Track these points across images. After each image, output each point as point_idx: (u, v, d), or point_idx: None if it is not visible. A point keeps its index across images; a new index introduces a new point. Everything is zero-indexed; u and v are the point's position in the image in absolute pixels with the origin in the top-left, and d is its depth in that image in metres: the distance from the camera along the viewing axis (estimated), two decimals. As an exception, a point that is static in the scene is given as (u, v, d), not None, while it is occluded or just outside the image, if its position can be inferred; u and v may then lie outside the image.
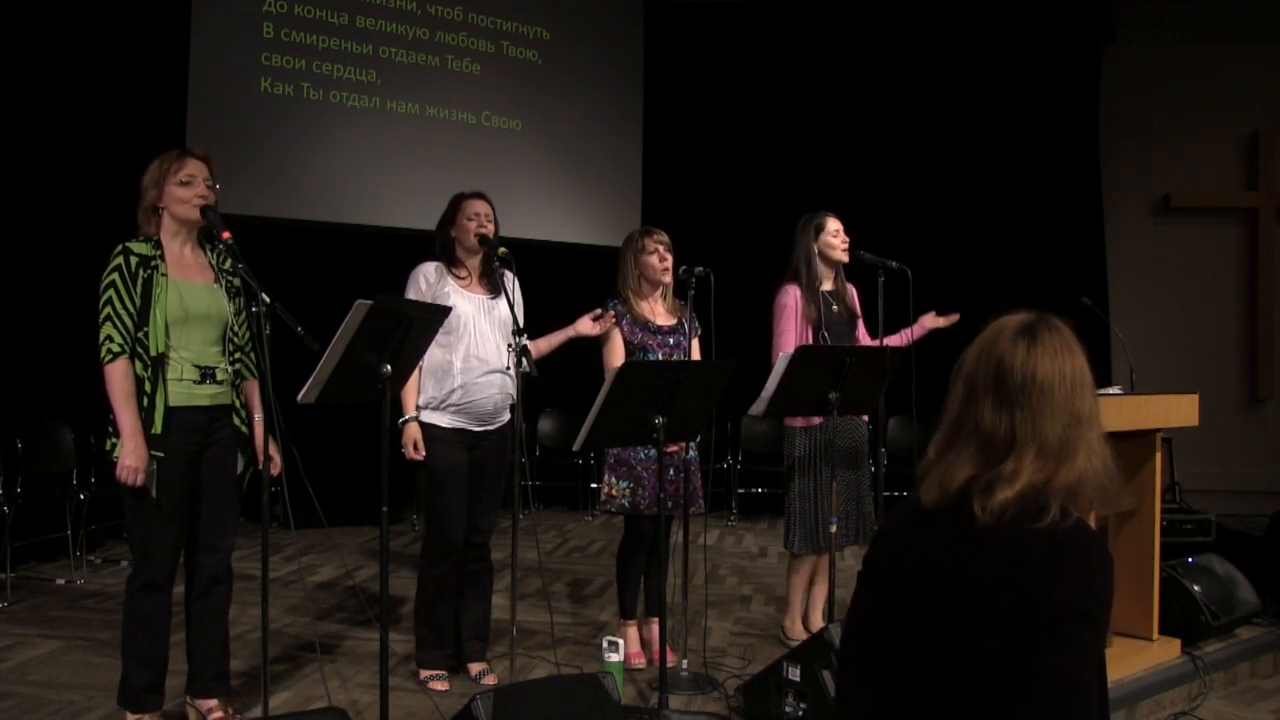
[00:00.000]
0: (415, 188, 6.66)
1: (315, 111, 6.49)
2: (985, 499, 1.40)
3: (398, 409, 3.33)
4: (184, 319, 2.86)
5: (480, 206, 3.50)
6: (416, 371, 3.34)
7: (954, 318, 3.92)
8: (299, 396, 2.57)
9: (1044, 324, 1.47)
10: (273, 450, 2.98)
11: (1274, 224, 7.31)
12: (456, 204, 3.53)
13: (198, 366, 2.90)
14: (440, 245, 3.53)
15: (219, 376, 2.95)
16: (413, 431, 3.39)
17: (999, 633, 1.36)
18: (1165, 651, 3.54)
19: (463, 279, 3.49)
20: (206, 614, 3.02)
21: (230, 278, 3.01)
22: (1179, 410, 3.55)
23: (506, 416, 3.52)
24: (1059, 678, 1.33)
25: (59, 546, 5.20)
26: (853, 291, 4.09)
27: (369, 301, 2.51)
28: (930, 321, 3.98)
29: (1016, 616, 1.34)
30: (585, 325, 3.60)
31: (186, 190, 2.89)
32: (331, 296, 3.49)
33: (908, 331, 3.90)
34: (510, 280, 3.36)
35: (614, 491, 3.63)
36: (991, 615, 1.36)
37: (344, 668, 3.67)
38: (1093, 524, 1.51)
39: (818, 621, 4.03)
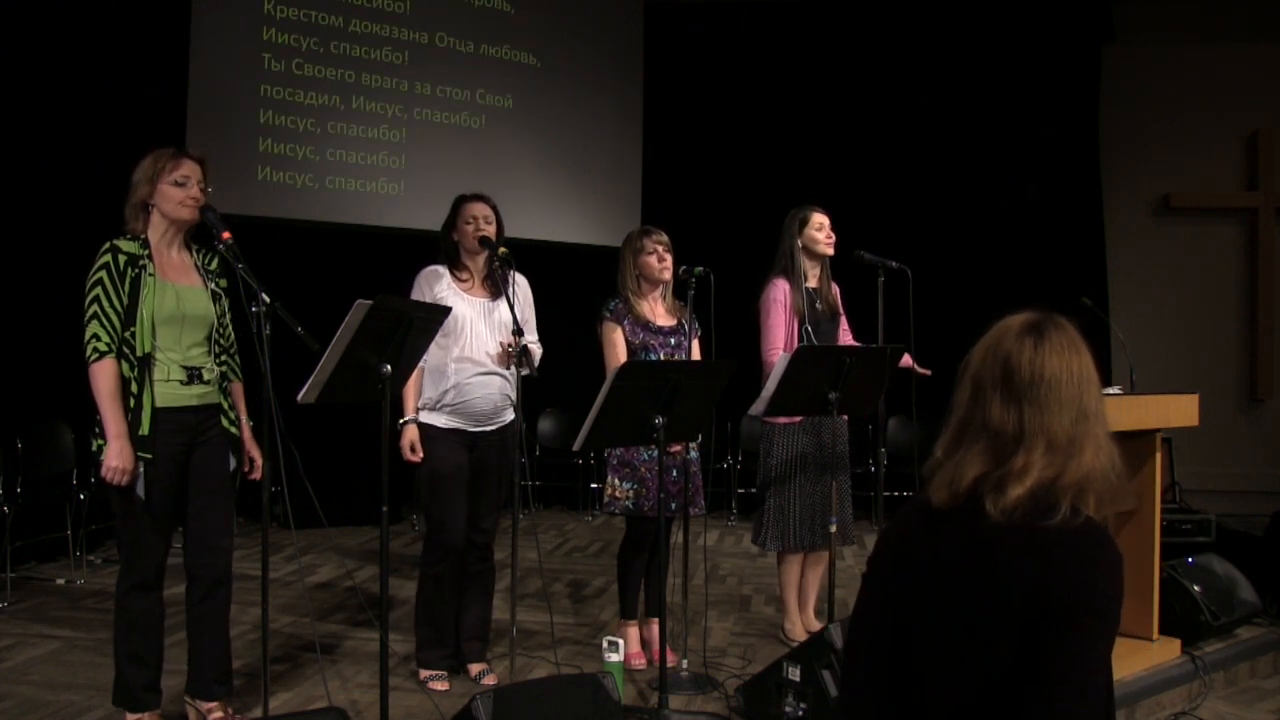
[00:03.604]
0: (415, 188, 6.67)
1: (315, 112, 6.49)
2: (997, 496, 1.40)
3: (398, 409, 3.31)
4: (171, 319, 2.83)
5: (479, 209, 3.49)
6: (417, 372, 3.34)
7: (926, 371, 3.91)
8: (299, 396, 2.57)
9: (1050, 322, 1.48)
10: (256, 454, 2.96)
11: (1274, 224, 7.31)
12: (456, 207, 3.54)
13: (184, 367, 2.87)
14: (444, 249, 3.54)
15: (206, 377, 2.92)
16: (410, 433, 3.38)
17: (1010, 631, 1.36)
18: (1165, 651, 3.54)
19: (465, 281, 3.49)
20: (208, 618, 2.99)
21: (217, 279, 2.99)
22: (1179, 410, 3.55)
23: (508, 417, 3.51)
24: (1070, 675, 1.32)
25: (59, 546, 5.20)
26: (835, 290, 4.07)
27: (369, 301, 2.51)
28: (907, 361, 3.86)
29: (1028, 614, 1.34)
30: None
31: (180, 191, 2.85)
32: (331, 296, 3.49)
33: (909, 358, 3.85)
34: (511, 281, 3.36)
35: (617, 493, 3.63)
36: (1003, 614, 1.37)
37: (344, 668, 3.68)
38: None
39: (811, 616, 4.04)
